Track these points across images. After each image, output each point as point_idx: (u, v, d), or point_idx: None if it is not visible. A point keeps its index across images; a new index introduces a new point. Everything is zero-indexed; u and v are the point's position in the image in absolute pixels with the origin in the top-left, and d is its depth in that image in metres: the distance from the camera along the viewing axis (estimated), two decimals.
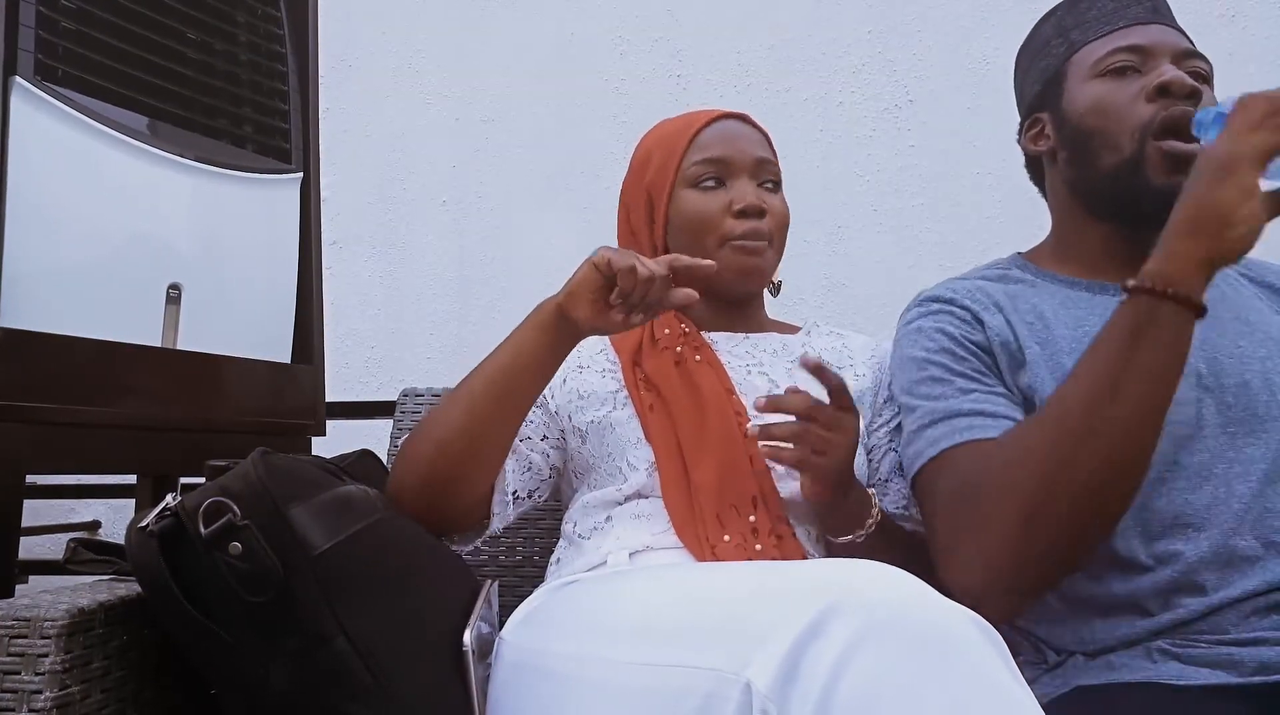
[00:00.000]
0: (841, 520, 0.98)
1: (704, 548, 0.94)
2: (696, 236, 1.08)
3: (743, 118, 1.15)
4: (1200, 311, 0.80)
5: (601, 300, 0.89)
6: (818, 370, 0.91)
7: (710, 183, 1.09)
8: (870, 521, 0.98)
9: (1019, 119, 1.13)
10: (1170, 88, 0.94)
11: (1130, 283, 0.81)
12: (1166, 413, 0.82)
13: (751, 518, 0.95)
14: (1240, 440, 0.91)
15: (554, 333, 0.92)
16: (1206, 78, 0.99)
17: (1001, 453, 0.88)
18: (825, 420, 0.91)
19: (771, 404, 0.90)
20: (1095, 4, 1.04)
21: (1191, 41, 1.02)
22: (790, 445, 0.91)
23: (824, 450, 0.91)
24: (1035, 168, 1.12)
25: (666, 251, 1.12)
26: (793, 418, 0.91)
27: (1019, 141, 1.12)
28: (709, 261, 0.90)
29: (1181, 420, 0.91)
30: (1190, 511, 0.89)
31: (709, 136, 1.11)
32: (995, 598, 0.83)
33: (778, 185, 1.13)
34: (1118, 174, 0.97)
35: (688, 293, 0.91)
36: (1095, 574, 0.91)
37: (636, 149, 1.18)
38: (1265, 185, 0.78)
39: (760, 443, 0.93)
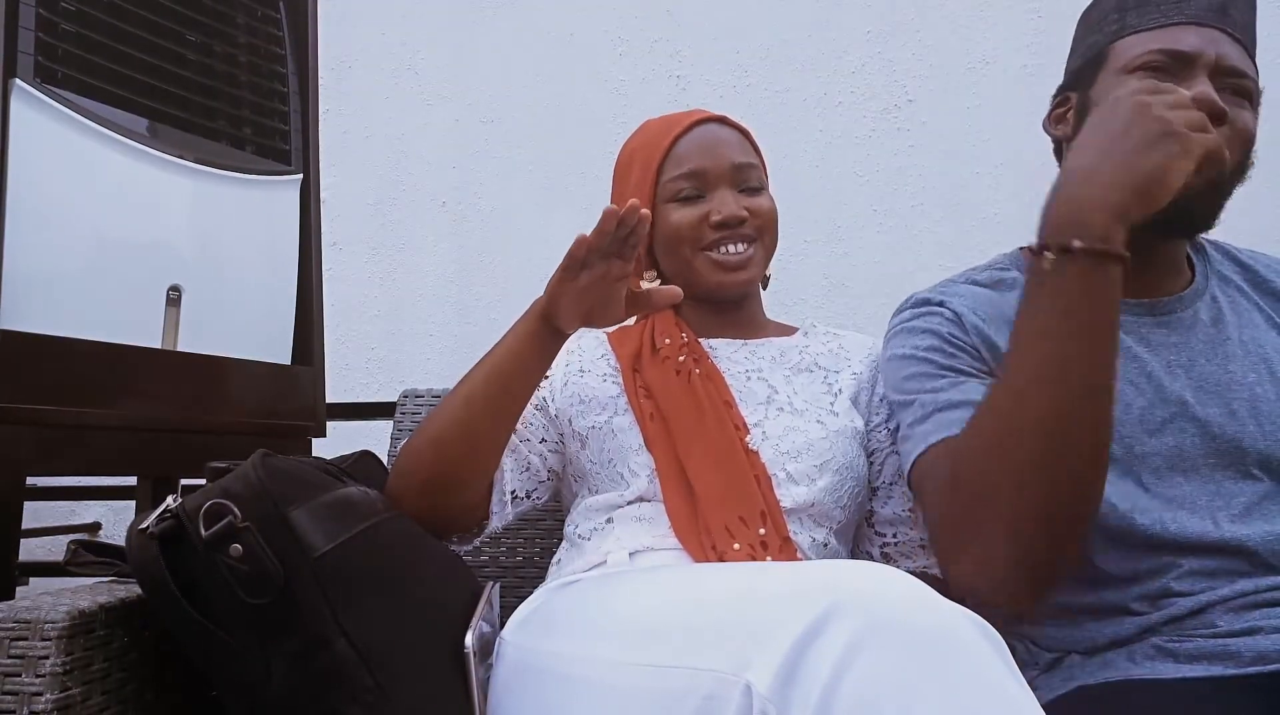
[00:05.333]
0: None
1: (708, 555, 0.94)
2: (674, 247, 1.09)
3: (720, 119, 1.13)
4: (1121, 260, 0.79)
5: (582, 298, 0.91)
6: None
7: (688, 195, 1.09)
8: None
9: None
10: (1198, 106, 0.89)
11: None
12: (1108, 371, 0.80)
13: (761, 531, 0.95)
14: (1221, 472, 0.91)
15: (542, 335, 0.94)
16: (1249, 94, 0.94)
17: (970, 451, 0.85)
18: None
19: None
20: None
21: (1249, 49, 0.95)
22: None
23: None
24: (1062, 152, 1.06)
25: (653, 263, 1.13)
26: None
27: (1044, 120, 1.05)
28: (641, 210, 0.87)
29: (1161, 451, 0.91)
30: (1178, 539, 0.88)
31: (684, 148, 1.10)
32: (1003, 600, 0.83)
33: (762, 186, 1.12)
34: None
35: (673, 290, 0.95)
36: (1083, 584, 0.92)
37: (620, 153, 1.18)
38: None
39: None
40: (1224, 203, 0.94)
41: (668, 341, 1.07)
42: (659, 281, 1.12)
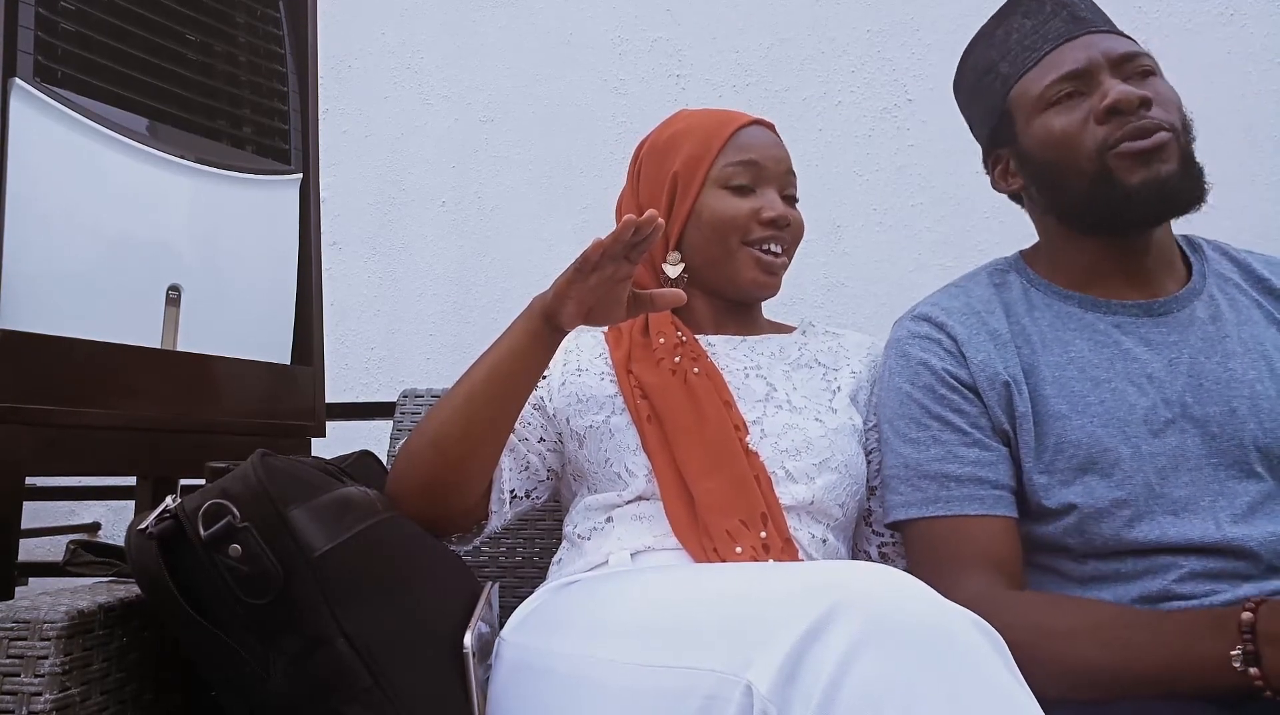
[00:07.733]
0: None
1: (709, 557, 0.93)
2: (721, 235, 1.09)
3: (772, 126, 1.16)
4: None
5: (587, 298, 0.90)
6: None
7: (741, 184, 1.09)
8: None
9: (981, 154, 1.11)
10: (1119, 107, 0.93)
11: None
12: None
13: (763, 534, 0.95)
14: (1224, 471, 0.91)
15: (542, 334, 0.93)
16: (1151, 70, 0.98)
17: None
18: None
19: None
20: (1013, 29, 1.02)
21: (1119, 31, 0.99)
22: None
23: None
24: (1015, 196, 1.11)
25: (679, 243, 1.12)
26: None
27: (991, 183, 1.09)
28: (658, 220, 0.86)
29: (1165, 452, 0.91)
30: (1179, 542, 0.88)
31: (747, 139, 1.11)
32: None
33: (797, 199, 1.14)
34: (1092, 192, 0.96)
35: (676, 293, 0.94)
36: (1085, 584, 0.92)
37: (659, 133, 1.17)
38: None
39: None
40: (1198, 167, 0.96)
41: (662, 341, 1.07)
42: (683, 265, 1.12)
